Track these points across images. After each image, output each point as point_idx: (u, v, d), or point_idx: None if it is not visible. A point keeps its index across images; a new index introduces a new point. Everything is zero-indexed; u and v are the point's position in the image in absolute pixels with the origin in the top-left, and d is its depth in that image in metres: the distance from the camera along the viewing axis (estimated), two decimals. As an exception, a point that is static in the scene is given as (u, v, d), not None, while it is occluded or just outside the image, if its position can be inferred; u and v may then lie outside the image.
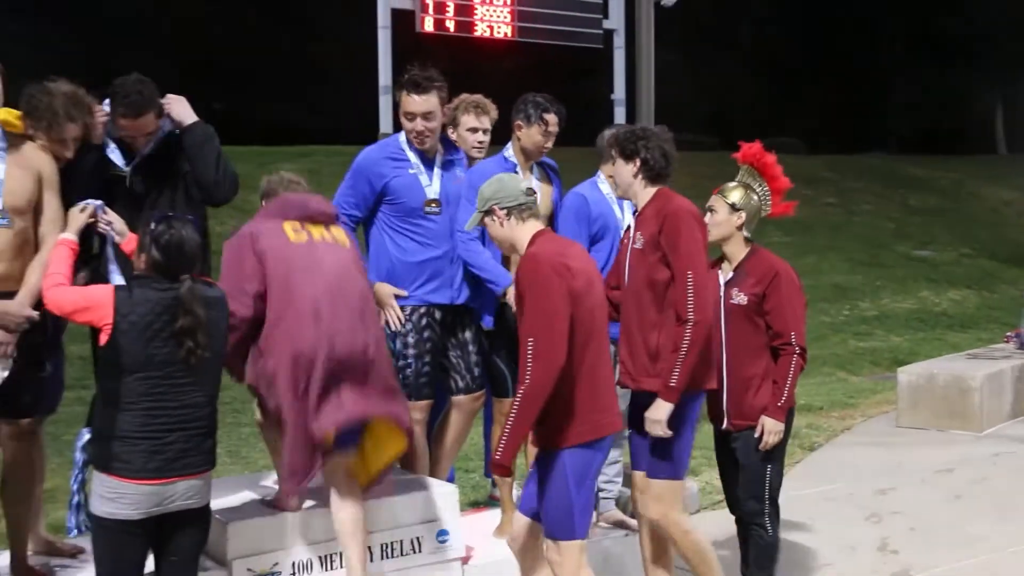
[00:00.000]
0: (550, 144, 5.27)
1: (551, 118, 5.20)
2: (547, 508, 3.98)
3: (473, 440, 6.30)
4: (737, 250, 4.79)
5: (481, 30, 7.01)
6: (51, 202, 4.22)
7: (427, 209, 4.98)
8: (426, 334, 4.99)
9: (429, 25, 6.76)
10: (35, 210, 4.19)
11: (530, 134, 5.19)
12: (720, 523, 5.20)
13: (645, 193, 4.51)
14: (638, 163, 4.48)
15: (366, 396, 4.17)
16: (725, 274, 4.79)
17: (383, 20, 6.58)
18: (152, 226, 3.74)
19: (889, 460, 7.95)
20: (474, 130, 5.38)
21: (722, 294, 4.74)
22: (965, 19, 31.59)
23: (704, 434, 5.16)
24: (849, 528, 6.36)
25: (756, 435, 4.67)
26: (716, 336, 4.64)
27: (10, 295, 4.07)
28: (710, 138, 25.19)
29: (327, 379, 4.08)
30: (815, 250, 17.67)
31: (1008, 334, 10.82)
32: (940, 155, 28.54)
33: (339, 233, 4.43)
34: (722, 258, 4.83)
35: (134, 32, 21.82)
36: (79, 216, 4.15)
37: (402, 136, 5.07)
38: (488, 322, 5.17)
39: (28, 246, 4.17)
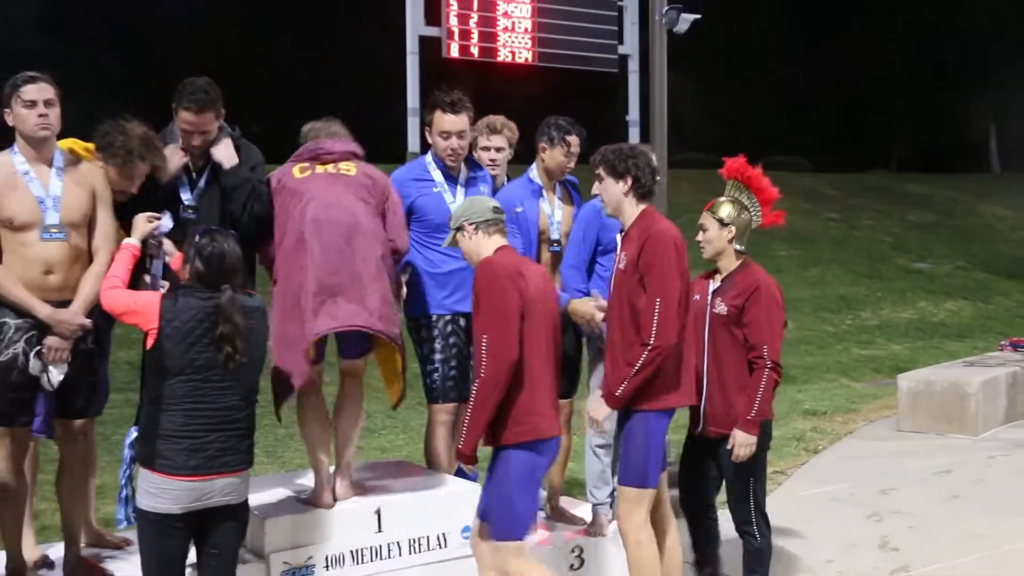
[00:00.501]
0: (572, 164, 5.29)
1: (573, 140, 5.21)
2: (491, 507, 3.97)
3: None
4: (729, 263, 4.72)
5: (504, 56, 7.03)
6: (104, 217, 4.26)
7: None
8: (451, 340, 5.02)
9: (455, 51, 6.79)
10: (89, 225, 4.23)
11: (553, 155, 5.21)
12: (721, 525, 5.10)
13: (634, 211, 4.36)
14: (630, 181, 4.33)
15: (364, 309, 4.24)
16: (715, 283, 4.74)
17: (411, 46, 6.61)
18: (196, 239, 3.78)
19: (890, 462, 7.89)
20: (486, 149, 5.39)
21: (708, 302, 4.69)
22: (960, 45, 31.45)
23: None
24: (851, 527, 6.31)
25: (728, 447, 4.57)
26: (699, 344, 4.58)
27: (65, 304, 4.11)
28: (719, 158, 25.04)
29: (319, 293, 4.18)
30: (819, 263, 17.61)
31: (1002, 343, 10.75)
32: (937, 173, 28.39)
33: (348, 166, 4.51)
34: (716, 269, 4.78)
35: (170, 55, 21.81)
36: (145, 225, 4.18)
37: (428, 156, 5.14)
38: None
39: (82, 258, 4.20)
